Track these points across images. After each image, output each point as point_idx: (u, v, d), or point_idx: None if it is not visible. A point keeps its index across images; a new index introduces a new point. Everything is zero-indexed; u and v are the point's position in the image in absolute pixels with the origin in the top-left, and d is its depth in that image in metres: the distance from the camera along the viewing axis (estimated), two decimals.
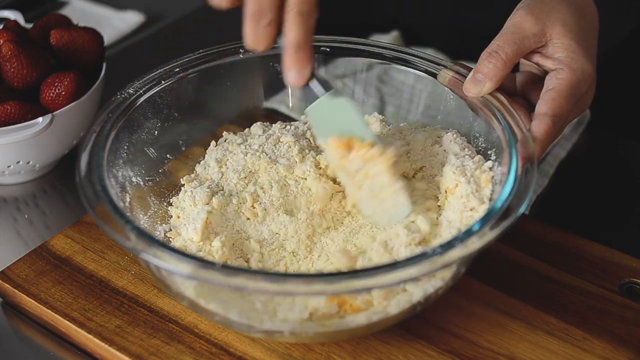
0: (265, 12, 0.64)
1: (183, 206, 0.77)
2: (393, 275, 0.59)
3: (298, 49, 0.66)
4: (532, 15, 0.74)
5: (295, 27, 0.65)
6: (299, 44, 0.65)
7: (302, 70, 0.67)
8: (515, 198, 0.64)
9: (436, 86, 0.81)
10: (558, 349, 0.70)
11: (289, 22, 0.65)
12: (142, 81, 0.79)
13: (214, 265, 0.60)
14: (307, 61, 0.67)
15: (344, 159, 0.72)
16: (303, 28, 0.65)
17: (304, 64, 0.67)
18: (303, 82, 0.68)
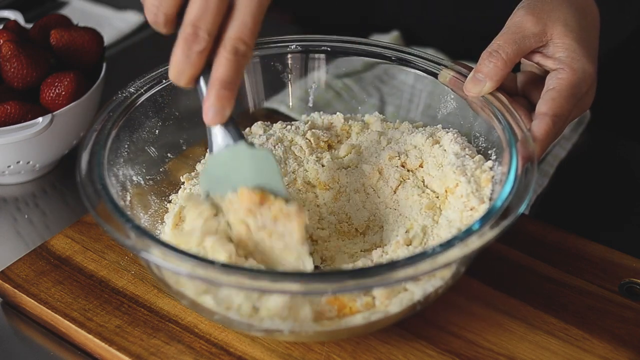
0: (200, 39, 0.62)
1: (181, 203, 0.77)
2: (393, 274, 0.59)
3: (223, 87, 0.63)
4: (533, 15, 0.74)
5: (227, 64, 0.62)
6: (226, 83, 0.63)
7: (223, 109, 0.64)
8: (515, 198, 0.65)
9: (436, 86, 0.81)
10: (558, 349, 0.70)
11: (221, 57, 0.62)
12: (143, 80, 0.79)
13: (214, 264, 0.60)
14: (230, 102, 0.64)
15: (250, 213, 0.66)
16: (234, 67, 0.62)
17: (225, 103, 0.64)
18: (222, 121, 0.65)
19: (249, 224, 0.66)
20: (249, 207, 0.66)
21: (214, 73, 0.63)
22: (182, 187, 0.80)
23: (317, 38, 0.85)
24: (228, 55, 0.62)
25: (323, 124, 0.85)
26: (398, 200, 0.76)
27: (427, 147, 0.78)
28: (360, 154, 0.81)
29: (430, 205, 0.74)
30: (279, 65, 0.87)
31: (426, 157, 0.78)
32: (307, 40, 0.85)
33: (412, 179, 0.77)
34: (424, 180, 0.77)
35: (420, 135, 0.79)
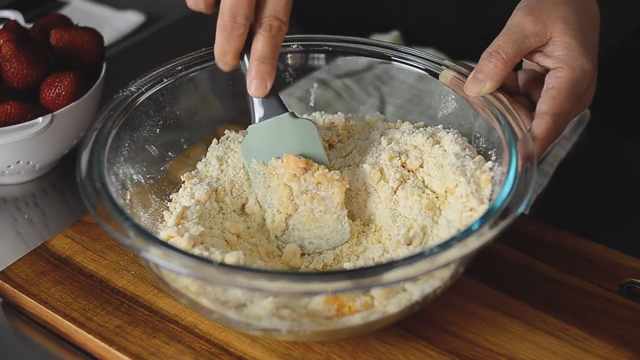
0: (238, 25, 0.69)
1: (182, 202, 0.77)
2: (391, 274, 0.59)
3: (263, 61, 0.70)
4: (532, 15, 0.74)
5: (263, 40, 0.69)
6: (264, 57, 0.70)
7: (263, 81, 0.71)
8: (515, 198, 0.64)
9: (436, 86, 0.81)
10: (558, 349, 0.70)
11: (258, 35, 0.70)
12: (144, 79, 0.79)
13: (212, 263, 0.61)
14: (270, 74, 0.71)
15: (294, 178, 0.74)
16: (270, 43, 0.70)
17: (266, 76, 0.71)
18: (264, 93, 0.72)
19: (292, 187, 0.74)
20: (293, 173, 0.74)
21: (253, 51, 0.70)
22: (183, 186, 0.80)
23: (317, 38, 0.85)
24: (264, 32, 0.69)
25: (324, 123, 0.85)
26: (398, 200, 0.76)
27: (427, 148, 0.78)
28: (361, 153, 0.81)
29: (430, 206, 0.74)
30: (280, 65, 0.87)
31: (426, 157, 0.78)
32: (308, 40, 0.85)
33: (412, 179, 0.77)
34: (424, 181, 0.77)
35: (421, 135, 0.79)
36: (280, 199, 0.75)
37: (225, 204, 0.78)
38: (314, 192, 0.74)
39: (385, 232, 0.76)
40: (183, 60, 0.82)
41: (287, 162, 0.74)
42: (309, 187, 0.74)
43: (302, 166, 0.74)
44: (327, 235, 0.75)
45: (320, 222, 0.75)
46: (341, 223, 0.75)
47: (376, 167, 0.78)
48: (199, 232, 0.71)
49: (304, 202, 0.75)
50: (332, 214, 0.75)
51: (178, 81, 0.81)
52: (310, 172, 0.74)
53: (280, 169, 0.74)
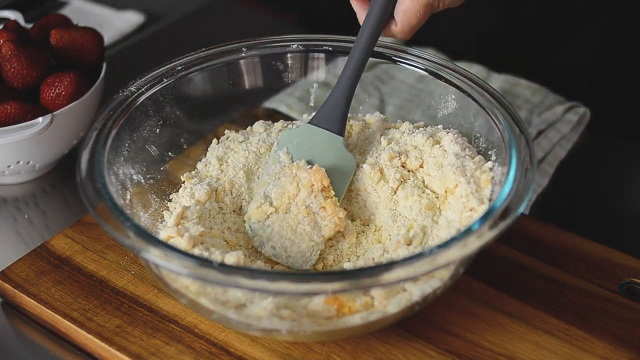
0: None
1: (181, 202, 0.77)
2: (391, 274, 0.59)
3: None
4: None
5: None
6: None
7: None
8: (515, 198, 0.65)
9: (436, 86, 0.81)
10: (558, 349, 0.70)
11: None
12: (143, 79, 0.79)
13: (212, 263, 0.61)
14: None
15: (308, 188, 0.74)
16: None
17: None
18: None
19: (300, 193, 0.74)
20: (311, 183, 0.74)
21: None
22: (183, 186, 0.80)
23: (317, 38, 0.85)
24: None
25: None
26: (398, 200, 0.76)
27: (427, 148, 0.78)
28: (361, 153, 0.81)
29: (430, 206, 0.74)
30: (280, 65, 0.87)
31: (426, 157, 0.78)
32: (308, 40, 0.85)
33: (412, 179, 0.77)
34: (424, 181, 0.77)
35: (421, 135, 0.79)
36: (282, 194, 0.75)
37: (225, 204, 0.78)
38: (313, 211, 0.74)
39: (385, 232, 0.76)
40: (183, 60, 0.82)
41: (316, 172, 0.74)
42: (312, 204, 0.74)
43: (324, 184, 0.74)
44: (292, 252, 0.75)
45: (296, 237, 0.74)
46: (312, 252, 0.74)
47: (376, 167, 0.78)
48: (199, 232, 0.71)
49: (298, 212, 0.74)
50: (311, 240, 0.74)
51: (178, 81, 0.81)
52: (324, 194, 0.74)
53: (304, 172, 0.75)
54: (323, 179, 0.74)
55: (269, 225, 0.75)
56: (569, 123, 1.00)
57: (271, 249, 0.74)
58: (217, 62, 0.83)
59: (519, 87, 1.08)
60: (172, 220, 0.73)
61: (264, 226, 0.75)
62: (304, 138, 0.77)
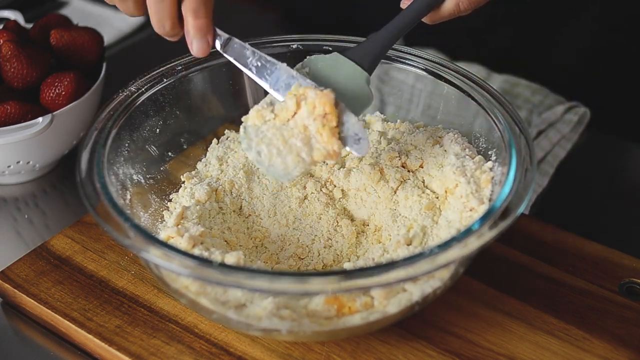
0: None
1: (181, 202, 0.77)
2: (391, 274, 0.59)
3: (196, 16, 0.66)
4: None
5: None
6: (196, 10, 0.66)
7: (204, 38, 0.68)
8: (515, 198, 0.65)
9: (436, 86, 0.81)
10: (558, 349, 0.70)
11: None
12: (144, 79, 0.79)
13: (212, 263, 0.61)
14: (208, 28, 0.67)
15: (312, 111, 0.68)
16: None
17: (205, 31, 0.67)
18: (207, 50, 0.69)
19: (301, 112, 0.68)
20: (314, 105, 0.67)
21: (183, 7, 0.66)
22: (183, 186, 0.80)
23: (317, 38, 0.85)
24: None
25: None
26: (398, 200, 0.76)
27: (427, 148, 0.78)
28: None
29: (430, 206, 0.74)
30: None
31: (426, 157, 0.78)
32: (308, 40, 0.85)
33: (412, 179, 0.77)
34: (424, 181, 0.77)
35: (421, 135, 0.79)
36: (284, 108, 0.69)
37: (225, 204, 0.78)
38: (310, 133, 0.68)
39: (385, 232, 0.76)
40: (183, 60, 0.82)
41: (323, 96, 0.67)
42: (311, 125, 0.68)
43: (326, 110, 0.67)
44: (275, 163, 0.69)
45: (285, 148, 0.69)
46: (296, 168, 0.69)
47: (376, 167, 0.78)
48: (199, 233, 0.71)
49: (295, 126, 0.69)
50: (299, 155, 0.69)
51: (178, 81, 0.81)
52: (324, 120, 0.68)
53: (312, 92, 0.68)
54: (327, 104, 0.67)
55: (262, 131, 0.70)
56: (569, 123, 1.00)
57: (256, 154, 0.70)
58: (217, 62, 0.83)
59: (519, 87, 1.08)
60: (172, 220, 0.73)
61: (258, 131, 0.70)
62: (330, 64, 0.73)
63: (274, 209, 0.79)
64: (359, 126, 0.68)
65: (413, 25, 0.73)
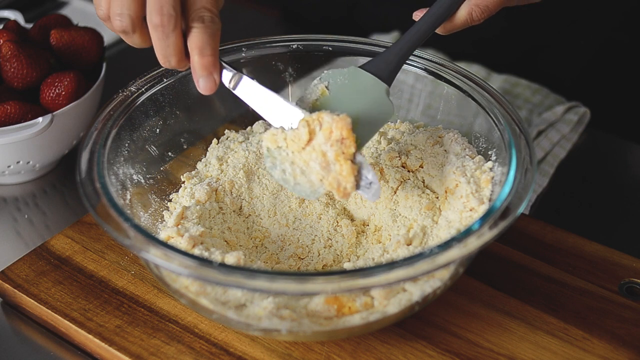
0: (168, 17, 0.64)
1: (181, 202, 0.77)
2: (391, 274, 0.59)
3: (202, 54, 0.66)
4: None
5: (198, 32, 0.65)
6: (202, 48, 0.66)
7: (210, 75, 0.67)
8: (515, 198, 0.65)
9: (436, 86, 0.81)
10: (558, 349, 0.70)
11: (190, 29, 0.66)
12: (144, 79, 0.79)
13: (212, 263, 0.61)
14: (214, 66, 0.67)
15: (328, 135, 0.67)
16: (206, 33, 0.66)
17: (211, 69, 0.67)
18: (213, 88, 0.68)
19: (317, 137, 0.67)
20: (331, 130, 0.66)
21: (190, 45, 0.66)
22: (183, 186, 0.80)
23: (317, 38, 0.85)
24: (196, 24, 0.66)
25: None
26: (398, 200, 0.76)
27: (427, 148, 0.78)
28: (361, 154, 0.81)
29: (430, 206, 0.74)
30: (280, 64, 0.87)
31: (426, 157, 0.78)
32: (308, 40, 0.85)
33: (412, 179, 0.77)
34: (424, 181, 0.77)
35: (421, 135, 0.79)
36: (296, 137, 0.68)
37: (225, 204, 0.78)
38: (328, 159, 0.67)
39: (385, 232, 0.76)
40: None
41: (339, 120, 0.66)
42: (328, 152, 0.66)
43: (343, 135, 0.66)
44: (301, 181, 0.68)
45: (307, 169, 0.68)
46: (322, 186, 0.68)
47: (376, 167, 0.78)
48: (199, 233, 0.71)
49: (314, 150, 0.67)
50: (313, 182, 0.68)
51: (178, 81, 0.81)
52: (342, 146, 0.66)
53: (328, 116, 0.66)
54: (344, 129, 0.66)
55: (284, 149, 0.69)
56: (569, 123, 1.00)
57: (281, 172, 0.69)
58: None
59: (519, 87, 1.08)
60: (172, 220, 0.73)
61: (281, 150, 0.70)
62: (348, 78, 0.73)
63: (274, 209, 0.79)
64: (372, 172, 0.67)
65: (428, 36, 0.73)
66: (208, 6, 0.66)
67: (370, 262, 0.70)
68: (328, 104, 0.71)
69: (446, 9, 0.72)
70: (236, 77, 0.70)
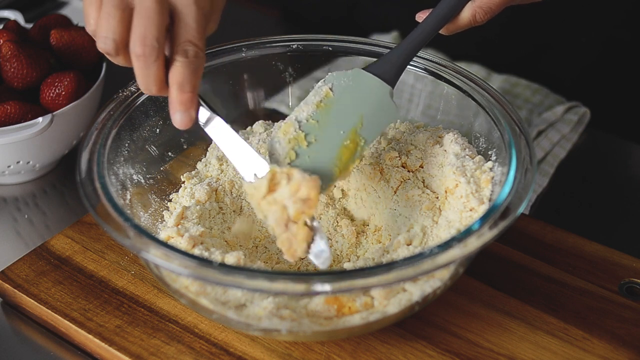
0: (150, 48, 0.63)
1: (181, 202, 0.77)
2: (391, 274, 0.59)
3: (182, 89, 0.64)
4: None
5: (179, 65, 0.64)
6: (182, 84, 0.64)
7: (187, 112, 0.65)
8: (515, 198, 0.65)
9: (436, 86, 0.81)
10: (558, 349, 0.70)
11: (173, 62, 0.64)
12: None
13: (212, 263, 0.61)
14: (192, 102, 0.65)
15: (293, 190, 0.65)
16: (188, 68, 0.64)
17: (188, 105, 0.65)
18: (189, 123, 0.66)
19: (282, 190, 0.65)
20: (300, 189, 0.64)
21: (170, 78, 0.64)
22: (183, 186, 0.80)
23: (317, 37, 0.85)
24: (179, 58, 0.64)
25: None
26: (398, 200, 0.76)
27: (427, 148, 0.78)
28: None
29: (430, 206, 0.74)
30: (280, 64, 0.87)
31: (426, 157, 0.78)
32: (308, 40, 0.85)
33: (412, 179, 0.77)
34: (424, 181, 0.77)
35: (421, 135, 0.79)
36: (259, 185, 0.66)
37: (225, 204, 0.78)
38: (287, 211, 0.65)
39: (385, 232, 0.76)
40: None
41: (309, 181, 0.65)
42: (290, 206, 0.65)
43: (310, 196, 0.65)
44: None
45: None
46: None
47: (376, 167, 0.78)
48: (199, 233, 0.71)
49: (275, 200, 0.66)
50: None
51: None
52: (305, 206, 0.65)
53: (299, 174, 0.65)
54: (313, 190, 0.64)
55: None
56: (569, 123, 1.00)
57: None
58: (217, 62, 0.83)
59: (519, 87, 1.08)
60: (172, 220, 0.73)
61: None
62: (352, 80, 0.73)
63: None
64: (325, 240, 0.65)
65: (432, 37, 0.73)
66: (194, 40, 0.65)
67: (370, 262, 0.70)
68: (332, 106, 0.71)
69: (449, 11, 0.72)
70: (212, 117, 0.69)
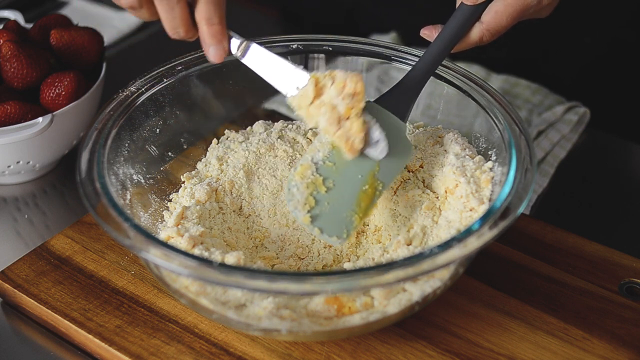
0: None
1: (181, 202, 0.77)
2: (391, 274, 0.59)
3: (210, 23, 0.67)
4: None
5: (203, 3, 0.67)
6: (209, 17, 0.67)
7: (220, 44, 0.69)
8: (515, 198, 0.65)
9: (436, 86, 0.81)
10: (558, 349, 0.70)
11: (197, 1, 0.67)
12: (144, 79, 0.79)
13: (212, 263, 0.61)
14: (222, 34, 0.68)
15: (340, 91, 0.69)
16: (211, 3, 0.67)
17: (220, 37, 0.68)
18: (223, 56, 0.69)
19: (330, 90, 0.69)
20: (344, 83, 0.68)
21: (197, 16, 0.68)
22: (183, 186, 0.80)
23: (317, 38, 0.85)
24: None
25: None
26: (398, 200, 0.76)
27: (427, 148, 0.78)
28: None
29: (430, 206, 0.74)
30: None
31: (426, 157, 0.78)
32: (308, 40, 0.85)
33: (412, 179, 0.77)
34: (424, 181, 0.77)
35: (421, 135, 0.79)
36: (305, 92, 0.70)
37: (225, 204, 0.78)
38: (337, 109, 0.69)
39: (385, 232, 0.76)
40: (183, 60, 0.82)
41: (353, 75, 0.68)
42: (339, 105, 0.69)
43: (357, 90, 0.68)
44: None
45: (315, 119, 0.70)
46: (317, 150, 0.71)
47: None
48: (199, 233, 0.71)
49: (323, 102, 0.69)
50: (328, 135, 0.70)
51: (178, 81, 0.81)
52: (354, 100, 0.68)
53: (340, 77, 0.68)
54: (358, 83, 0.68)
55: None
56: (569, 123, 1.00)
57: None
58: None
59: (519, 87, 1.08)
60: (172, 220, 0.73)
61: None
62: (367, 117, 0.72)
63: (274, 208, 0.79)
64: (380, 131, 0.69)
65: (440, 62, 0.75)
66: None
67: (370, 262, 0.70)
68: None
69: (457, 33, 0.73)
70: (244, 44, 0.71)
